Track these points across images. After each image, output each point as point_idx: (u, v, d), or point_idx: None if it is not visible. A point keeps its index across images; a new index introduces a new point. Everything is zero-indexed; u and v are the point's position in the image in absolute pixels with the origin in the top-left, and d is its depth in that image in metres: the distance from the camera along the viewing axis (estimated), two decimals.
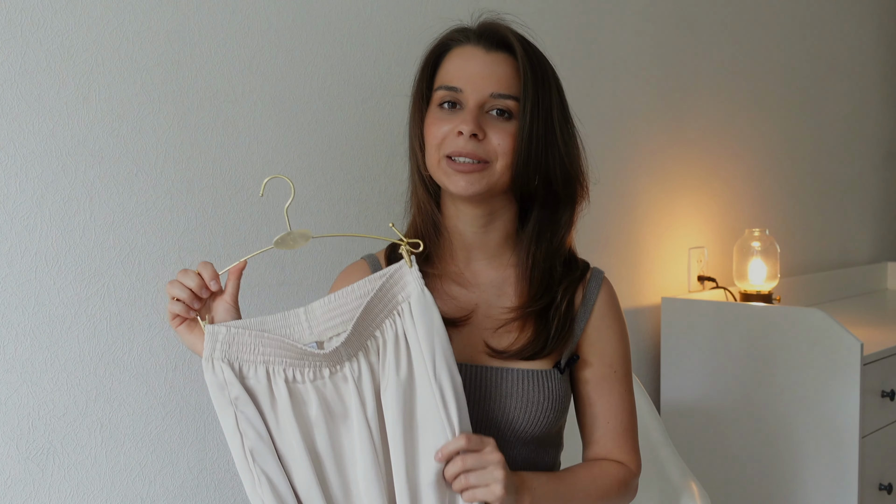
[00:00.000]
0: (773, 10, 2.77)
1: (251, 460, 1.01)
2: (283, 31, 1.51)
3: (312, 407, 1.04)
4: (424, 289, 1.06)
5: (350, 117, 1.61)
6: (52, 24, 1.24)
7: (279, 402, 1.03)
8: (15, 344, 1.23)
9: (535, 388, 1.16)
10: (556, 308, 1.19)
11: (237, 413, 1.01)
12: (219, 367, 1.02)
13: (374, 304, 1.05)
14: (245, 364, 1.03)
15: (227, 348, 1.02)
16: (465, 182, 1.13)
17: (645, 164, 2.31)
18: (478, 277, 1.22)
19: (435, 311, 1.06)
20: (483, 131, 1.12)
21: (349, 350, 1.04)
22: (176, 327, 1.05)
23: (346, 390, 1.05)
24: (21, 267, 1.23)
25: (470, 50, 1.16)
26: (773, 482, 2.14)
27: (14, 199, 1.22)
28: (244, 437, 1.01)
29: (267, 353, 1.03)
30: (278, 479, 1.01)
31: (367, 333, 1.06)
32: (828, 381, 2.04)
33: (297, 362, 1.04)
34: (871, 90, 3.35)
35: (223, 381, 1.02)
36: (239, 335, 1.02)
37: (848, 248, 3.23)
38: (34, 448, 1.25)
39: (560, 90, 1.18)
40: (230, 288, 1.06)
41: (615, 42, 2.19)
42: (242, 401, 1.02)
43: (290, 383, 1.04)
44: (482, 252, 1.21)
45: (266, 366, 1.03)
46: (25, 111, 1.22)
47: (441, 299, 1.20)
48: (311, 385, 1.04)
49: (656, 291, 2.35)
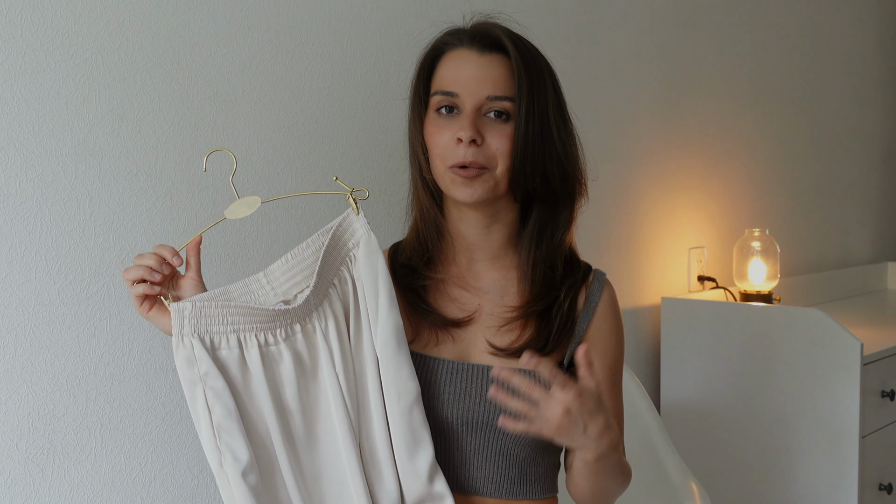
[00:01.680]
0: (773, 10, 2.77)
1: (218, 437, 1.02)
2: (283, 31, 1.51)
3: (285, 365, 1.06)
4: (370, 233, 1.11)
5: (350, 117, 1.61)
6: (52, 24, 1.24)
7: (252, 369, 1.05)
8: (15, 344, 1.23)
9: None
10: (558, 307, 1.19)
11: (206, 389, 1.02)
12: (188, 343, 1.03)
13: (330, 253, 1.09)
14: (216, 336, 1.04)
15: (195, 322, 1.03)
16: (470, 190, 1.13)
17: (645, 164, 2.31)
18: (480, 279, 1.22)
19: (379, 255, 1.11)
20: (481, 135, 1.12)
21: (317, 299, 1.07)
22: (145, 313, 1.06)
23: (316, 342, 1.08)
24: (21, 267, 1.23)
25: (464, 53, 1.15)
26: (773, 482, 2.14)
27: (14, 199, 1.22)
28: (212, 414, 1.02)
29: (236, 321, 1.04)
30: (244, 456, 1.02)
31: (328, 282, 1.09)
32: (828, 381, 2.04)
33: (269, 325, 1.06)
34: (871, 90, 3.34)
35: (192, 357, 1.02)
36: (206, 308, 1.03)
37: (848, 248, 3.23)
38: (34, 448, 1.25)
39: (556, 87, 1.17)
40: (192, 264, 1.09)
41: (615, 42, 2.19)
42: (212, 376, 1.02)
43: (263, 347, 1.05)
44: (484, 253, 1.21)
45: (237, 334, 1.05)
46: (25, 111, 1.22)
47: (444, 301, 1.20)
48: (284, 344, 1.06)
49: (656, 291, 2.35)
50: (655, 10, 2.31)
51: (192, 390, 1.02)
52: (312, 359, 1.08)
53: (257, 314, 1.05)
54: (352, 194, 1.11)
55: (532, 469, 1.20)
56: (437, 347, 1.19)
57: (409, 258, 1.23)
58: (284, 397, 1.06)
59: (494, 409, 1.16)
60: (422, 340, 1.19)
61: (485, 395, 1.16)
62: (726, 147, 2.60)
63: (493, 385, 1.06)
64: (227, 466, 1.01)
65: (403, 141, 1.74)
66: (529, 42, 1.18)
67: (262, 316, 1.05)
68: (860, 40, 3.25)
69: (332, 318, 1.09)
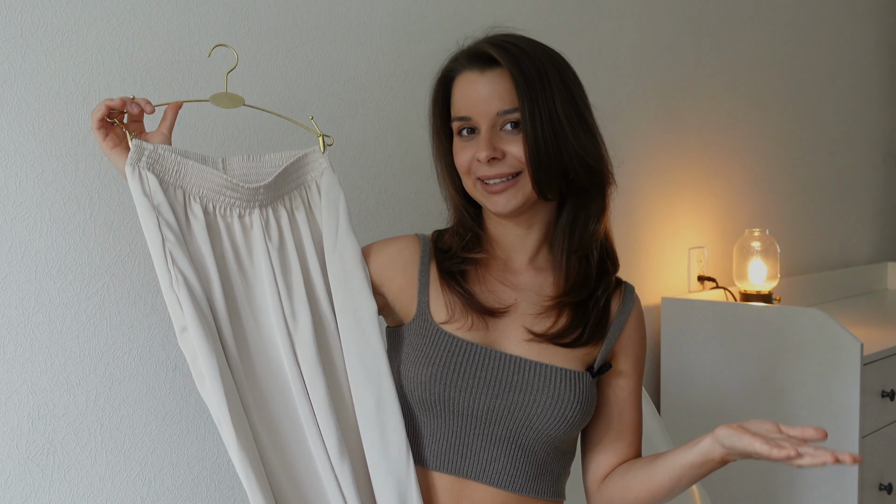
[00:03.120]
0: (773, 11, 2.77)
1: (170, 261, 1.06)
2: (283, 31, 1.51)
3: (224, 240, 1.13)
4: (332, 170, 1.21)
5: (350, 117, 1.61)
6: (52, 24, 1.24)
7: (193, 225, 1.10)
8: (15, 344, 1.23)
9: (567, 388, 1.18)
10: (595, 300, 1.22)
11: (159, 218, 1.07)
12: (145, 175, 1.08)
13: (291, 170, 1.17)
14: (164, 182, 1.09)
15: (152, 163, 1.09)
16: (504, 200, 1.16)
17: (645, 164, 2.31)
18: (517, 278, 1.24)
19: (339, 188, 1.20)
20: (500, 150, 1.15)
21: (268, 197, 1.14)
22: (107, 149, 1.10)
23: (253, 237, 1.14)
24: (21, 267, 1.23)
25: (467, 76, 1.17)
26: (773, 482, 2.14)
27: (14, 199, 1.22)
28: (165, 241, 1.07)
29: (186, 178, 1.10)
30: (193, 281, 1.07)
31: (278, 193, 1.16)
32: (828, 381, 2.04)
33: (213, 195, 1.12)
34: (871, 90, 3.34)
35: (148, 189, 1.08)
36: (164, 156, 1.09)
37: (848, 248, 3.23)
38: (34, 448, 1.25)
39: (567, 83, 1.17)
40: (166, 123, 1.15)
41: (615, 42, 2.19)
42: (164, 207, 1.08)
43: (206, 212, 1.12)
44: (523, 254, 1.24)
45: (183, 189, 1.10)
46: (25, 111, 1.22)
47: (482, 290, 1.23)
48: (221, 220, 1.13)
49: (656, 291, 2.35)
50: (655, 10, 2.31)
51: (146, 216, 1.07)
52: (248, 250, 1.14)
53: (210, 177, 1.11)
54: (322, 136, 1.22)
55: (546, 468, 1.21)
56: (470, 332, 1.20)
57: (449, 245, 1.26)
58: (227, 269, 1.12)
59: (520, 400, 1.17)
60: (456, 322, 1.20)
61: (512, 386, 1.17)
62: (726, 147, 2.60)
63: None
64: (178, 287, 1.06)
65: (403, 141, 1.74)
66: (532, 45, 1.17)
67: (214, 182, 1.11)
68: (860, 40, 3.25)
69: (275, 223, 1.15)
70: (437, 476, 1.19)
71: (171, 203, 1.09)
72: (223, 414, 1.05)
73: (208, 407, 1.07)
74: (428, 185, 1.73)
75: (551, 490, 1.22)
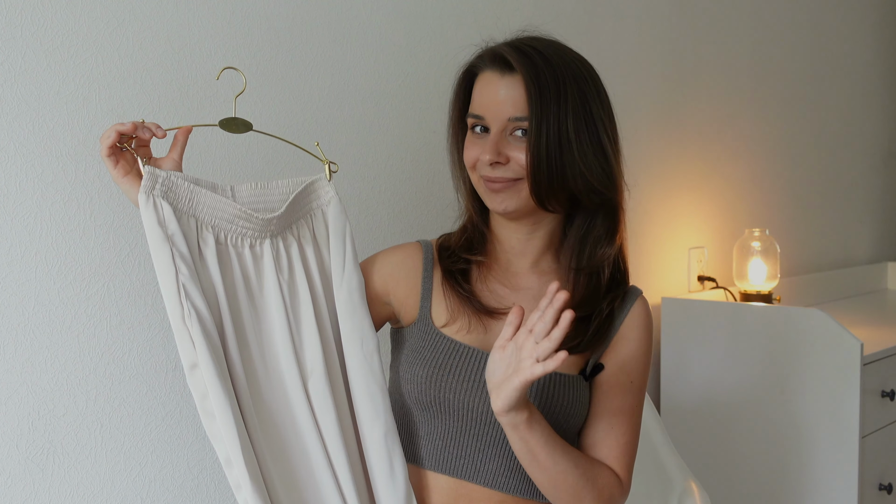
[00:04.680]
0: (773, 10, 2.77)
1: (183, 295, 1.03)
2: (283, 31, 1.51)
3: (236, 271, 1.11)
4: (338, 198, 1.19)
5: (350, 117, 1.61)
6: (52, 24, 1.24)
7: (206, 254, 1.08)
8: (15, 344, 1.23)
9: (560, 392, 1.17)
10: (598, 313, 1.20)
11: (173, 249, 1.04)
12: (159, 203, 1.05)
13: (299, 199, 1.16)
14: (178, 211, 1.07)
15: (165, 190, 1.05)
16: (499, 199, 1.16)
17: (645, 164, 2.31)
18: (519, 280, 1.24)
19: (345, 218, 1.19)
20: (505, 155, 1.14)
21: (278, 226, 1.13)
22: (119, 177, 1.07)
23: (264, 267, 1.13)
24: (21, 267, 1.23)
25: (489, 76, 1.17)
26: (773, 482, 2.14)
27: (14, 199, 1.22)
28: (178, 273, 1.04)
29: (199, 206, 1.08)
30: (206, 315, 1.04)
31: (286, 223, 1.15)
32: (828, 381, 2.04)
33: (225, 224, 1.10)
34: (871, 90, 3.34)
35: (162, 218, 1.05)
36: (177, 183, 1.07)
37: (848, 248, 3.23)
38: (34, 448, 1.25)
39: (586, 99, 1.15)
40: (177, 147, 1.12)
41: (615, 42, 2.19)
42: (178, 237, 1.05)
43: (218, 242, 1.09)
44: (524, 258, 1.23)
45: (196, 218, 1.08)
46: (25, 111, 1.22)
47: (483, 291, 1.23)
48: (233, 249, 1.11)
49: (656, 291, 2.35)
50: (655, 10, 2.31)
51: (159, 248, 1.04)
52: (259, 280, 1.13)
53: (223, 207, 1.09)
54: (328, 164, 1.20)
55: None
56: (469, 335, 1.20)
57: (451, 246, 1.26)
58: (238, 301, 1.11)
59: None
60: (454, 326, 1.21)
61: None
62: (726, 147, 2.60)
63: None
64: (191, 322, 1.03)
65: (404, 141, 1.74)
66: (557, 54, 1.15)
67: (227, 211, 1.09)
68: (860, 40, 3.25)
69: (284, 253, 1.14)
70: (434, 476, 1.20)
71: (184, 233, 1.05)
72: (236, 454, 1.02)
73: (214, 446, 1.04)
74: (429, 187, 1.73)
75: None
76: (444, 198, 1.31)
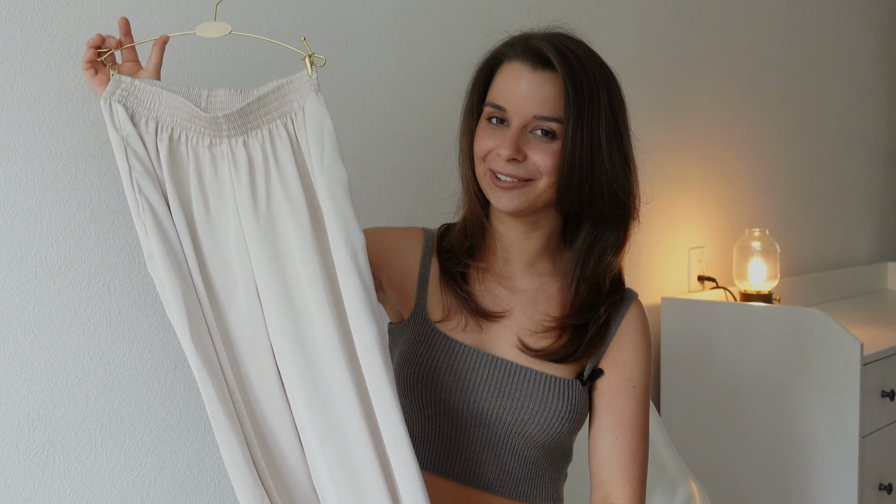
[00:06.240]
0: (774, 10, 2.77)
1: (137, 190, 1.10)
2: (283, 31, 1.51)
3: (190, 170, 1.12)
4: (319, 93, 1.11)
5: (350, 117, 1.61)
6: (52, 24, 1.24)
7: (162, 154, 1.12)
8: (15, 344, 1.23)
9: (555, 395, 1.17)
10: (595, 320, 1.19)
11: (127, 149, 1.10)
12: (115, 108, 1.10)
13: (270, 99, 1.11)
14: (137, 115, 1.11)
15: (125, 95, 1.11)
16: (507, 198, 1.14)
17: (644, 164, 2.30)
18: (515, 281, 1.23)
19: (326, 113, 1.10)
20: (523, 153, 1.12)
21: (229, 127, 1.11)
22: (90, 78, 1.13)
23: (221, 166, 1.13)
24: (21, 267, 1.23)
25: (517, 67, 1.14)
26: (773, 482, 2.14)
27: (14, 199, 1.22)
28: (132, 170, 1.10)
29: (161, 110, 1.11)
30: (161, 210, 1.10)
31: (253, 122, 1.11)
32: (828, 381, 2.04)
33: (185, 124, 1.12)
34: (871, 90, 3.34)
35: (118, 122, 1.10)
36: (140, 88, 1.11)
37: (848, 248, 3.23)
38: (34, 448, 1.25)
39: (614, 108, 1.14)
40: (153, 59, 1.14)
41: (615, 42, 2.19)
42: (133, 138, 1.10)
43: (175, 142, 1.12)
44: (520, 257, 1.22)
45: (156, 122, 1.12)
46: (25, 111, 1.22)
47: (480, 291, 1.22)
48: (192, 149, 1.12)
49: (656, 291, 2.35)
50: (655, 10, 2.31)
51: (116, 148, 1.10)
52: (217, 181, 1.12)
53: (180, 107, 1.11)
54: (309, 56, 1.11)
55: (538, 473, 1.20)
56: (463, 333, 1.19)
57: (452, 245, 1.24)
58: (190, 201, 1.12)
59: (507, 405, 1.16)
60: (450, 323, 1.20)
61: (501, 390, 1.17)
62: (726, 147, 2.60)
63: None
64: (145, 215, 1.09)
65: (405, 141, 1.74)
66: (591, 59, 1.14)
67: (183, 112, 1.11)
68: (860, 40, 3.25)
69: (244, 155, 1.12)
70: (432, 479, 1.19)
71: (140, 135, 1.11)
72: (186, 340, 1.07)
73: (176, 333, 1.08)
74: (430, 187, 1.73)
75: (546, 494, 1.21)
76: (445, 198, 1.30)
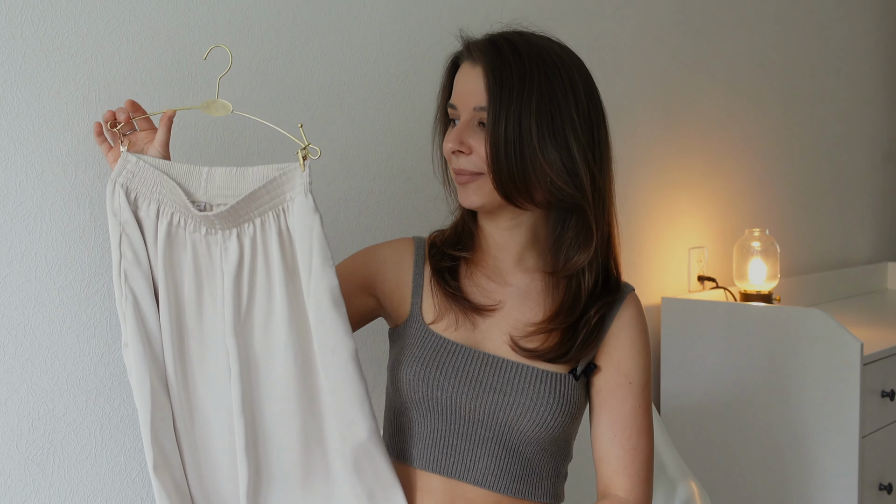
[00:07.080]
0: (773, 10, 2.77)
1: (123, 279, 1.12)
2: (283, 31, 1.51)
3: (187, 256, 1.13)
4: (308, 193, 1.09)
5: (350, 117, 1.61)
6: (52, 24, 1.24)
7: (160, 240, 1.13)
8: (15, 344, 1.23)
9: (547, 390, 1.17)
10: (585, 321, 1.18)
11: (122, 234, 1.12)
12: (117, 192, 1.13)
13: (261, 193, 1.10)
14: (141, 196, 1.13)
15: (130, 177, 1.13)
16: (465, 194, 1.17)
17: (644, 164, 2.31)
18: (506, 276, 1.23)
19: (315, 216, 1.09)
20: (468, 145, 1.14)
21: (223, 223, 1.12)
22: (105, 153, 1.17)
23: (215, 255, 1.14)
24: (21, 267, 1.23)
25: (464, 66, 1.18)
26: (773, 482, 2.14)
27: (14, 199, 1.22)
28: (122, 258, 1.12)
29: (162, 193, 1.12)
30: (144, 300, 1.12)
31: (245, 216, 1.11)
32: (828, 381, 2.04)
33: (184, 210, 1.13)
34: (871, 90, 3.35)
35: (117, 207, 1.12)
36: (145, 170, 1.12)
37: (848, 248, 3.23)
38: (34, 448, 1.25)
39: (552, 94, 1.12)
40: (160, 135, 1.15)
41: (615, 42, 2.19)
42: (129, 225, 1.12)
43: (174, 227, 1.13)
44: (508, 254, 1.23)
45: (158, 204, 1.13)
46: (25, 111, 1.22)
47: (470, 286, 1.23)
48: (189, 236, 1.13)
49: (656, 291, 2.35)
50: (655, 10, 2.31)
51: (112, 232, 1.12)
52: (210, 265, 1.13)
53: (177, 198, 1.12)
54: (303, 150, 1.09)
55: (535, 470, 1.20)
56: (455, 332, 1.20)
57: (442, 244, 1.26)
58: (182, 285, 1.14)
59: (500, 401, 1.16)
60: (442, 323, 1.21)
61: (493, 387, 1.17)
62: (726, 147, 2.60)
63: None
64: (126, 305, 1.11)
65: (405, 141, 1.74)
66: (531, 47, 1.14)
67: (180, 203, 1.12)
68: (860, 40, 3.25)
69: (236, 246, 1.12)
70: (428, 477, 1.19)
71: (140, 220, 1.12)
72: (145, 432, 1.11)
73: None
74: (429, 186, 1.73)
75: (545, 492, 1.21)
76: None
